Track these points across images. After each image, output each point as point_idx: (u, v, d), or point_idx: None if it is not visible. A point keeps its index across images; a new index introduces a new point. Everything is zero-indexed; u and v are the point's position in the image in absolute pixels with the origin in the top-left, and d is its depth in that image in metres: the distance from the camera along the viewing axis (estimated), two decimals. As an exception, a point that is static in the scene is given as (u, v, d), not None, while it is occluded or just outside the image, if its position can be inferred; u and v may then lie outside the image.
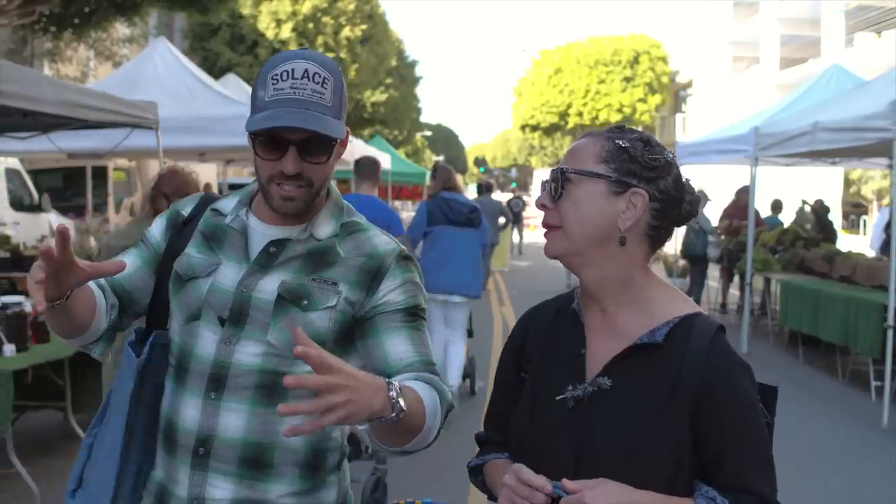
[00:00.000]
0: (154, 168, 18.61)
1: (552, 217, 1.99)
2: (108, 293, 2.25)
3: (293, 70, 2.05)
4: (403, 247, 2.27)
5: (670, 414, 1.86)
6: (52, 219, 16.55)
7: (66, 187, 19.87)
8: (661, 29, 57.90)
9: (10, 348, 5.60)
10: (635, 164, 1.94)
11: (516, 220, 24.96)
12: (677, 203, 1.98)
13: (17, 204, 15.81)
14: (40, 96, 6.09)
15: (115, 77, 12.06)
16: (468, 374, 9.17)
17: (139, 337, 2.29)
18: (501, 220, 16.64)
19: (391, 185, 24.92)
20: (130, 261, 2.28)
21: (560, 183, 1.97)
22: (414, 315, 2.19)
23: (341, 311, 2.14)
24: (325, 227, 2.21)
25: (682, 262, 15.85)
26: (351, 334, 2.17)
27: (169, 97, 10.16)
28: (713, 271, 15.52)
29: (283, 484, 2.13)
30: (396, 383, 1.81)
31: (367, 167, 7.81)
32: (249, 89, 15.60)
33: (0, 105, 5.67)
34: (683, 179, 2.01)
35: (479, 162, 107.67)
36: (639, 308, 1.97)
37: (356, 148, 18.32)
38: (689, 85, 55.92)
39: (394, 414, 1.76)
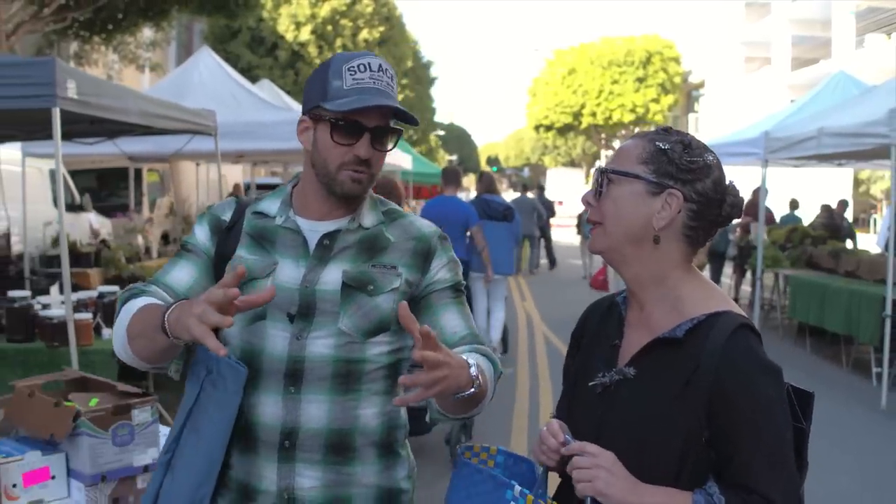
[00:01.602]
0: (186, 170, 19.32)
1: (594, 214, 2.07)
2: None
3: (370, 63, 2.19)
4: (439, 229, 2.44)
5: (682, 406, 1.91)
6: (92, 218, 17.13)
7: (100, 188, 20.33)
8: (673, 29, 58.06)
9: (108, 332, 6.32)
10: (672, 166, 1.99)
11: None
12: (717, 204, 2.02)
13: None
14: (126, 107, 6.82)
15: (163, 85, 12.71)
16: (503, 336, 11.08)
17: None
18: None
19: (412, 185, 25.32)
20: (188, 272, 2.31)
21: (602, 182, 2.06)
22: (459, 290, 2.36)
23: (403, 292, 2.25)
24: (369, 217, 2.32)
25: (699, 258, 16.43)
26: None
27: (216, 104, 10.68)
28: (726, 268, 16.14)
29: (365, 465, 2.25)
30: (475, 363, 2.01)
31: (451, 174, 10.09)
32: (283, 94, 16.14)
33: (72, 112, 6.29)
34: (726, 181, 2.05)
35: (492, 161, 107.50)
36: (671, 305, 2.03)
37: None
38: (701, 85, 56.20)
39: (472, 389, 1.98)
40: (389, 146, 2.28)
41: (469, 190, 40.74)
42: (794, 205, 17.73)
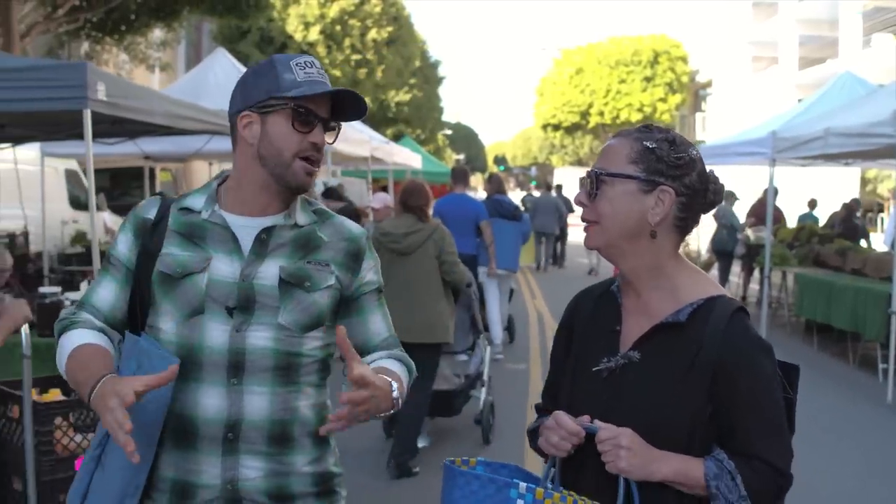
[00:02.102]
0: (197, 169, 19.53)
1: (589, 213, 2.16)
2: (111, 332, 2.35)
3: (313, 61, 2.29)
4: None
5: (688, 386, 2.03)
6: (107, 217, 17.33)
7: (113, 187, 20.50)
8: (680, 29, 58.11)
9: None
10: (662, 164, 2.09)
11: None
12: (703, 194, 2.14)
13: (75, 203, 16.51)
14: (150, 108, 7.03)
15: (179, 86, 12.92)
16: (508, 326, 12.11)
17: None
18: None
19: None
20: (110, 290, 2.35)
21: (595, 183, 2.14)
22: (381, 293, 2.48)
23: (336, 289, 2.34)
24: (302, 215, 2.37)
25: (704, 257, 16.74)
26: (339, 310, 2.38)
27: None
28: (734, 266, 16.31)
29: (303, 454, 2.31)
30: (397, 386, 2.18)
31: (461, 173, 10.67)
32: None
33: (98, 113, 6.48)
34: (707, 171, 2.17)
35: (499, 160, 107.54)
36: (668, 291, 2.14)
37: (394, 150, 19.20)
38: (708, 84, 56.24)
39: (391, 411, 2.20)
40: (331, 140, 2.37)
41: (477, 189, 40.88)
42: (812, 204, 18.01)
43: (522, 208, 24.59)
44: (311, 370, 2.32)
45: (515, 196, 36.96)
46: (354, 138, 14.03)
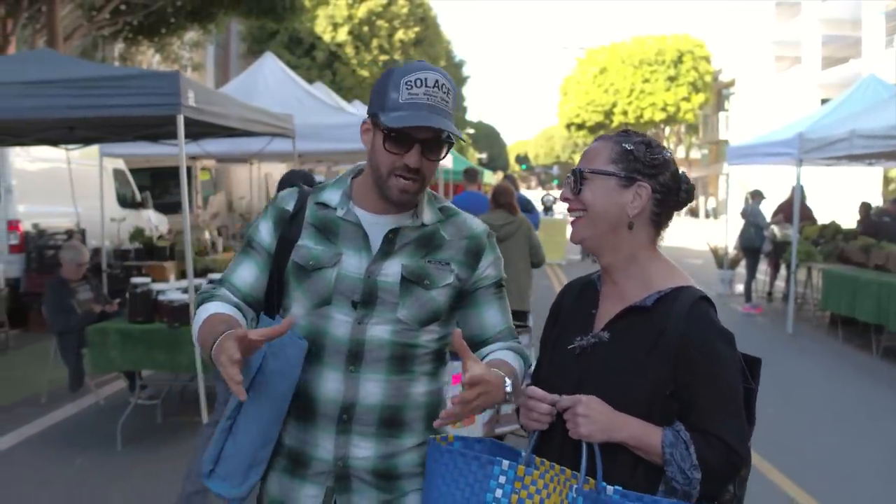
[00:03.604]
0: (239, 169, 20.07)
1: (575, 204, 2.32)
2: (246, 309, 2.49)
3: (426, 79, 2.27)
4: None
5: (650, 364, 2.18)
6: (152, 215, 17.88)
7: (153, 186, 21.00)
8: (704, 29, 58.17)
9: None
10: (639, 163, 2.26)
11: (547, 211, 27.38)
12: (675, 192, 2.31)
13: (122, 201, 17.06)
14: (228, 113, 7.62)
15: (231, 88, 13.39)
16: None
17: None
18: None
19: (452, 184, 25.73)
20: (250, 272, 2.50)
21: (579, 180, 2.31)
22: (501, 286, 2.54)
23: (454, 287, 2.43)
24: (428, 214, 2.45)
25: (732, 253, 17.24)
26: (456, 304, 2.47)
27: (281, 107, 11.30)
28: (761, 264, 16.72)
29: (413, 437, 2.42)
30: (509, 380, 2.23)
31: (473, 173, 12.13)
32: (335, 96, 16.83)
33: (198, 120, 7.09)
34: (680, 172, 2.34)
35: (521, 159, 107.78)
36: (641, 280, 2.30)
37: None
38: (731, 84, 56.41)
39: (504, 404, 2.28)
40: (441, 155, 2.37)
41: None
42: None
43: (542, 207, 25.73)
44: (426, 360, 2.43)
45: (536, 194, 37.41)
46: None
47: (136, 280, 7.35)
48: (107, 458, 6.83)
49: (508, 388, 2.21)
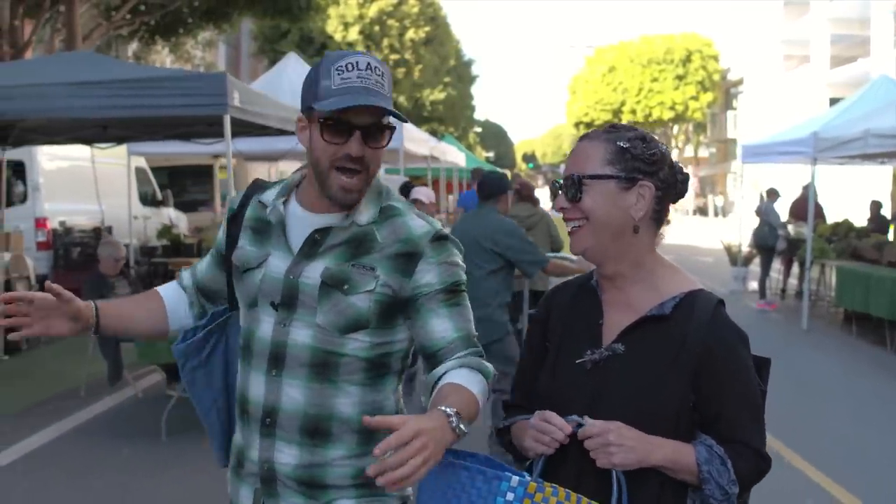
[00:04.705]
0: (256, 168, 20.29)
1: (574, 213, 2.16)
2: (191, 292, 2.59)
3: (357, 62, 2.15)
4: (439, 227, 2.33)
5: (673, 376, 2.06)
6: (172, 213, 18.10)
7: (171, 184, 21.17)
8: (712, 27, 58.30)
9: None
10: (638, 161, 2.11)
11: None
12: (674, 185, 2.19)
13: (144, 199, 17.27)
14: (268, 113, 7.87)
15: (255, 88, 13.65)
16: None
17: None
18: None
19: (466, 182, 25.93)
20: (208, 266, 2.59)
21: (577, 187, 2.14)
22: (452, 292, 2.27)
23: (380, 293, 2.24)
24: (365, 213, 2.29)
25: (745, 251, 17.45)
26: (395, 313, 2.27)
27: None
28: (775, 262, 16.92)
29: (341, 449, 2.29)
30: (453, 411, 1.93)
31: (479, 173, 12.67)
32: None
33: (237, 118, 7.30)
34: (675, 163, 2.21)
35: (528, 158, 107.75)
36: (648, 285, 2.17)
37: (446, 148, 19.94)
38: (740, 83, 56.50)
39: (459, 437, 1.93)
40: (384, 142, 2.24)
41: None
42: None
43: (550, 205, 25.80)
44: (354, 370, 2.28)
45: (543, 193, 37.40)
46: (419, 137, 14.69)
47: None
48: (153, 448, 7.06)
49: (454, 423, 1.92)
